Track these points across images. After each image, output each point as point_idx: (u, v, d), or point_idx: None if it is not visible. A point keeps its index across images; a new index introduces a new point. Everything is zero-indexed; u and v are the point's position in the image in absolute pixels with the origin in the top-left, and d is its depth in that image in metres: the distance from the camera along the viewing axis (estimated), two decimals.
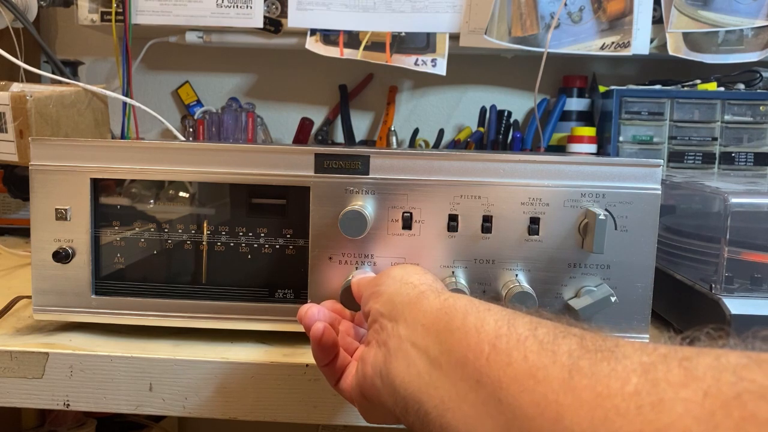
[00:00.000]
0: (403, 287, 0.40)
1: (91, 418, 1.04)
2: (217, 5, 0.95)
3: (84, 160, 0.53)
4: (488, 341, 0.30)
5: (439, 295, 0.37)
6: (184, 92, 1.15)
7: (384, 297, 0.41)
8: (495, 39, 0.93)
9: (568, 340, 0.28)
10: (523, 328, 0.30)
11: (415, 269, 0.44)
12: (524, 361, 0.27)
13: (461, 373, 0.30)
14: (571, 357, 0.26)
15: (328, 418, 0.51)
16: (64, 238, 0.53)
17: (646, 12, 0.92)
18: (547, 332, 0.29)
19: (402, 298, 0.39)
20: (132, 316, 0.54)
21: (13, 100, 0.70)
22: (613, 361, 0.25)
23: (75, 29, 1.06)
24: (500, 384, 0.27)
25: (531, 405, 0.26)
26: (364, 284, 0.45)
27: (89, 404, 0.52)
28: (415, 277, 0.42)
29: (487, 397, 0.28)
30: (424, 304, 0.37)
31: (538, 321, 0.31)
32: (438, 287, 0.41)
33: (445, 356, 0.32)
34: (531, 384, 0.26)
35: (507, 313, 0.32)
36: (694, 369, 0.22)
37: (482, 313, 0.33)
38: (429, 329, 0.34)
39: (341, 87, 1.13)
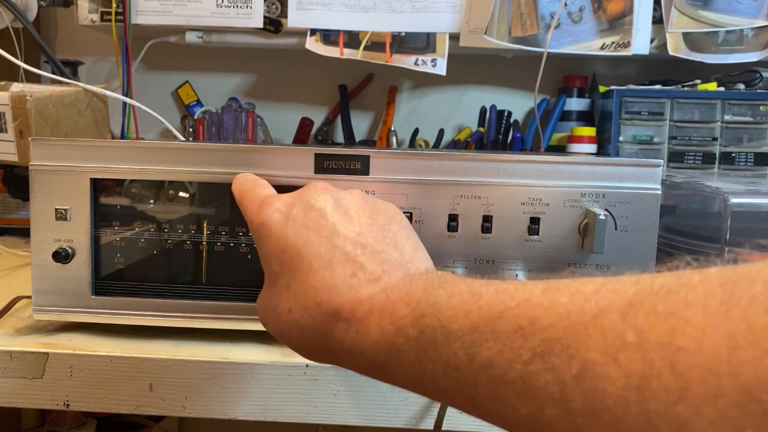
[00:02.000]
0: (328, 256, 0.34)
1: (91, 418, 1.04)
2: (217, 5, 0.95)
3: (84, 160, 0.53)
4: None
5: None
6: (184, 92, 1.15)
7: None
8: (495, 39, 0.93)
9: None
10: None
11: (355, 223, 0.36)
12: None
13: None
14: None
15: (328, 418, 0.51)
16: (64, 238, 0.53)
17: (646, 12, 0.92)
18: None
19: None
20: (132, 316, 0.54)
21: (13, 100, 0.70)
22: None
23: (75, 29, 1.06)
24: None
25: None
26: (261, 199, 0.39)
27: (89, 404, 0.52)
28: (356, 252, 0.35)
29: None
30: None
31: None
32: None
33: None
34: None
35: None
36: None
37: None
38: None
39: (341, 87, 1.13)
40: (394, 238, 0.36)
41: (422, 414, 0.50)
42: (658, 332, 0.20)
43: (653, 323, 0.20)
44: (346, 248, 0.34)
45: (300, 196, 0.38)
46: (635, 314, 0.21)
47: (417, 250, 0.37)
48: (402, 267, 0.34)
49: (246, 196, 0.41)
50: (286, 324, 0.35)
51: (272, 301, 0.36)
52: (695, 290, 0.20)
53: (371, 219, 0.37)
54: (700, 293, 0.20)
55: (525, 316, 0.24)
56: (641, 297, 0.21)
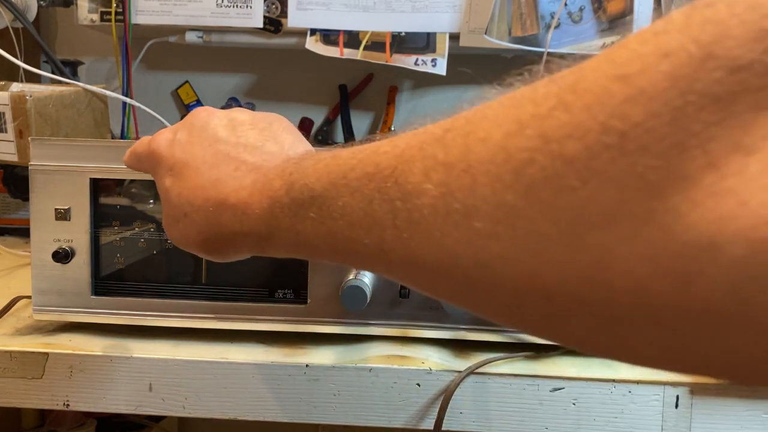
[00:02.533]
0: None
1: (91, 418, 1.04)
2: (217, 5, 0.95)
3: (84, 160, 0.53)
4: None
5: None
6: (183, 92, 1.15)
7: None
8: (495, 39, 0.93)
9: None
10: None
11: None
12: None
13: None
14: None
15: (328, 418, 0.51)
16: (64, 238, 0.53)
17: (646, 12, 0.92)
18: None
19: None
20: (132, 316, 0.54)
21: (12, 100, 0.70)
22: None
23: (75, 29, 1.06)
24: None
25: None
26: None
27: (89, 404, 0.52)
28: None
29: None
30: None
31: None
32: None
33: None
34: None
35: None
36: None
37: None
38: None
39: (341, 87, 1.12)
40: (274, 134, 0.39)
41: (422, 414, 0.50)
42: (458, 144, 0.23)
43: (456, 137, 0.23)
44: (228, 150, 0.37)
45: (183, 121, 0.41)
46: (447, 136, 0.24)
47: (298, 141, 0.39)
48: (282, 154, 0.37)
49: (136, 149, 0.44)
50: (185, 227, 0.38)
51: (170, 213, 0.39)
52: (491, 105, 0.23)
53: (251, 125, 0.39)
54: (494, 106, 0.23)
55: (371, 163, 0.27)
56: (455, 122, 0.24)
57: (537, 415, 0.50)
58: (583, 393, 0.50)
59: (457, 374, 0.49)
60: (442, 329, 0.53)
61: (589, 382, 0.49)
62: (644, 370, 0.51)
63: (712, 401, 0.49)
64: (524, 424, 0.50)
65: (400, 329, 0.53)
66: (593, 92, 0.19)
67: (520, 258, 0.21)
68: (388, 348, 0.53)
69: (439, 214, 0.23)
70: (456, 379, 0.49)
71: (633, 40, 0.19)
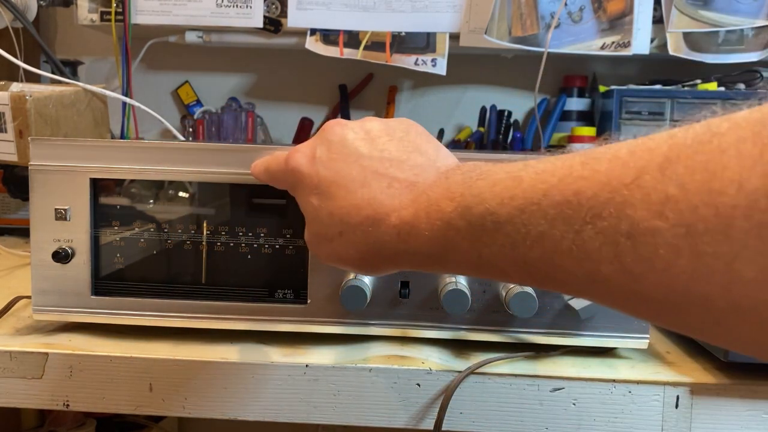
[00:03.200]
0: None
1: (90, 418, 1.04)
2: (217, 5, 0.95)
3: (84, 160, 0.53)
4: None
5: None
6: (183, 92, 1.15)
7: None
8: (495, 39, 0.93)
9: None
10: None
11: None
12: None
13: None
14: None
15: (328, 418, 0.51)
16: (64, 238, 0.53)
17: (647, 12, 0.92)
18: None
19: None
20: (132, 316, 0.54)
21: (12, 100, 0.70)
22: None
23: (74, 29, 1.06)
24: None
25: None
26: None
27: (89, 404, 0.52)
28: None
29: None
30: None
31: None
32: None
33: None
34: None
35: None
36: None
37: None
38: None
39: (341, 87, 1.12)
40: (414, 144, 0.38)
41: (422, 414, 0.50)
42: (698, 182, 0.22)
43: (692, 174, 0.22)
44: (375, 166, 0.37)
45: (318, 137, 0.41)
46: (673, 168, 0.23)
47: (439, 150, 0.39)
48: (432, 167, 0.37)
49: (270, 165, 0.44)
50: (341, 246, 0.38)
51: (320, 232, 0.39)
52: (726, 137, 0.22)
53: (389, 136, 0.39)
54: (732, 139, 0.21)
55: (569, 190, 0.26)
56: (676, 151, 0.23)
57: (537, 415, 0.50)
58: (583, 393, 0.50)
59: (457, 374, 0.49)
60: (442, 329, 0.53)
61: (589, 382, 0.49)
62: (644, 370, 0.51)
63: (712, 401, 0.49)
64: (524, 424, 0.50)
65: (400, 329, 0.53)
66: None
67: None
68: (388, 348, 0.53)
69: (682, 255, 0.22)
70: (456, 379, 0.49)
71: None
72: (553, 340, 0.53)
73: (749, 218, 0.20)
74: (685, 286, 0.22)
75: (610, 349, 0.54)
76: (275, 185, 0.45)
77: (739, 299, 0.21)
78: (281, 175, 0.43)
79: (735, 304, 0.21)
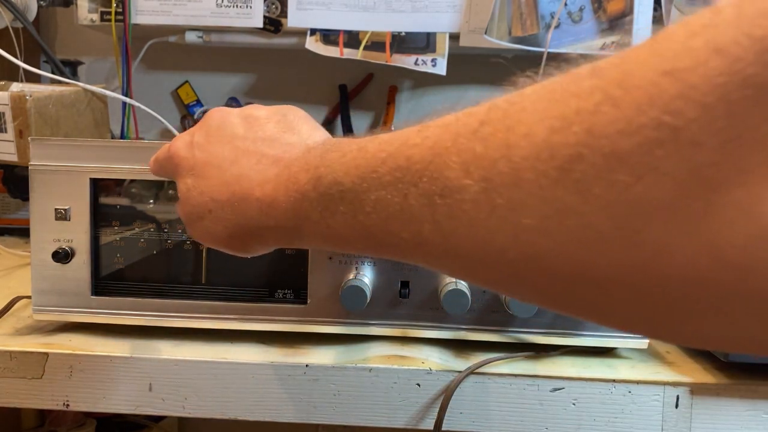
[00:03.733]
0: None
1: (90, 418, 1.04)
2: (217, 5, 0.95)
3: (84, 160, 0.53)
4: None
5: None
6: (183, 92, 1.15)
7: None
8: (495, 39, 0.93)
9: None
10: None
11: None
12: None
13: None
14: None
15: (328, 418, 0.51)
16: (64, 238, 0.53)
17: (646, 12, 0.92)
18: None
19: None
20: (131, 316, 0.54)
21: (12, 100, 0.70)
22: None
23: (74, 29, 1.06)
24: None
25: None
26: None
27: (89, 404, 0.52)
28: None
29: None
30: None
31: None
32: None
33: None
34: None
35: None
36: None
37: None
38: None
39: (341, 87, 1.12)
40: (291, 125, 0.39)
41: (422, 414, 0.50)
42: (499, 139, 0.23)
43: (495, 132, 0.23)
44: (247, 146, 0.38)
45: (199, 123, 0.42)
46: (484, 129, 0.24)
47: (315, 130, 0.39)
48: (302, 144, 0.37)
49: (159, 156, 0.45)
50: (212, 223, 0.38)
51: (192, 211, 0.39)
52: (529, 97, 0.23)
53: (267, 119, 0.40)
54: (532, 99, 0.23)
55: (402, 156, 0.27)
56: (491, 114, 0.25)
57: (537, 415, 0.50)
58: (583, 393, 0.50)
59: (457, 374, 0.49)
60: (442, 329, 0.53)
61: (589, 382, 0.49)
62: (644, 370, 0.51)
63: (712, 401, 0.49)
64: (524, 424, 0.50)
65: (400, 329, 0.53)
66: (642, 88, 0.19)
67: (571, 251, 0.21)
68: (388, 348, 0.53)
69: (481, 209, 0.23)
70: (456, 379, 0.49)
71: (679, 31, 0.19)
72: (553, 340, 0.53)
73: (534, 169, 0.21)
74: (485, 239, 0.23)
75: (610, 349, 0.54)
76: (162, 176, 0.45)
77: (525, 248, 0.22)
78: (165, 162, 0.43)
79: (523, 253, 0.22)
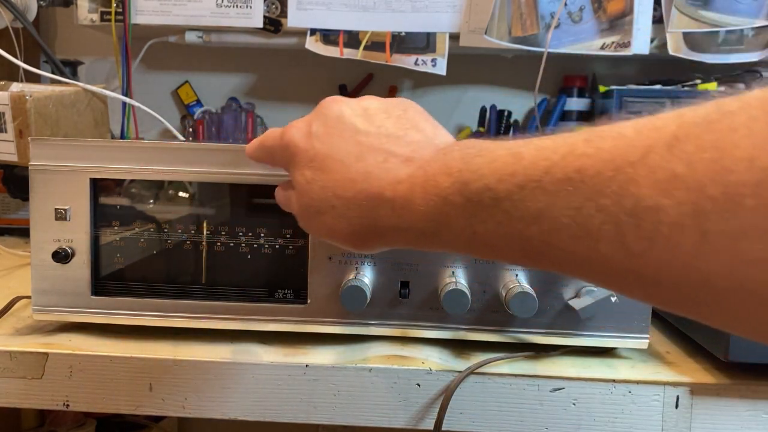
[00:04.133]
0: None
1: (90, 418, 1.04)
2: (217, 5, 0.95)
3: (84, 160, 0.53)
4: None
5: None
6: (183, 92, 1.15)
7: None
8: (495, 39, 0.93)
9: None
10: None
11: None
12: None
13: None
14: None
15: (328, 418, 0.51)
16: (64, 238, 0.53)
17: (646, 12, 0.92)
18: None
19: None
20: (132, 316, 0.54)
21: (12, 100, 0.70)
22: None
23: (74, 29, 1.06)
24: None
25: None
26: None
27: (89, 404, 0.52)
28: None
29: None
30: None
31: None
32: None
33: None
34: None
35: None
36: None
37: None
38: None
39: (341, 87, 1.12)
40: (412, 122, 0.38)
41: (422, 414, 0.50)
42: (707, 160, 0.21)
43: (701, 152, 0.21)
44: (371, 141, 0.37)
45: (315, 113, 0.41)
46: (682, 147, 0.22)
47: (437, 128, 0.39)
48: (429, 143, 0.36)
49: (265, 141, 0.44)
50: (333, 219, 0.37)
51: (312, 205, 0.38)
52: (738, 116, 0.21)
53: (386, 113, 0.39)
54: (743, 118, 0.21)
55: (571, 167, 0.26)
56: (685, 130, 0.23)
57: (537, 415, 0.50)
58: (583, 393, 0.50)
59: (457, 374, 0.49)
60: (442, 329, 0.53)
61: (589, 382, 0.49)
62: (644, 370, 0.51)
63: (712, 401, 0.49)
64: (524, 424, 0.50)
65: (400, 329, 0.53)
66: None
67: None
68: (388, 348, 0.53)
69: (686, 234, 0.22)
70: (456, 379, 0.49)
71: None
72: (553, 340, 0.53)
73: (758, 196, 0.20)
74: (686, 265, 0.22)
75: (610, 349, 0.54)
76: (270, 163, 0.44)
77: (742, 279, 0.21)
78: (277, 150, 0.42)
79: (738, 284, 0.21)
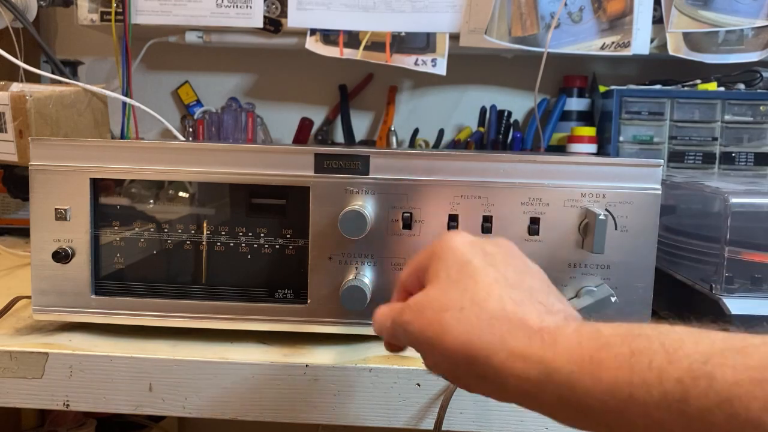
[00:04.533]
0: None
1: (90, 418, 1.04)
2: (217, 5, 0.95)
3: (84, 160, 0.53)
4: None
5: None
6: (183, 92, 1.15)
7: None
8: (495, 39, 0.93)
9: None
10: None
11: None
12: None
13: None
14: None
15: (328, 418, 0.51)
16: (64, 238, 0.53)
17: (646, 12, 0.92)
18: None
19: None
20: (132, 316, 0.54)
21: (12, 100, 0.70)
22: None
23: (75, 29, 1.06)
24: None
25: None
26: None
27: (89, 404, 0.52)
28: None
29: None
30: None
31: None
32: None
33: None
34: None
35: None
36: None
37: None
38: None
39: (341, 87, 1.12)
40: (557, 295, 0.38)
41: (422, 414, 0.50)
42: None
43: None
44: (533, 292, 0.37)
45: (479, 239, 0.40)
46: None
47: (558, 301, 0.38)
48: (570, 316, 0.36)
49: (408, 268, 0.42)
50: (453, 318, 0.36)
51: (440, 300, 0.38)
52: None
53: (540, 279, 0.39)
54: None
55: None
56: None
57: (537, 415, 0.50)
58: None
59: None
60: None
61: None
62: None
63: None
64: (524, 424, 0.50)
65: None
66: None
67: None
68: None
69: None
70: None
71: None
72: None
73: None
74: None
75: None
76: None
77: None
78: (425, 262, 0.41)
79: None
